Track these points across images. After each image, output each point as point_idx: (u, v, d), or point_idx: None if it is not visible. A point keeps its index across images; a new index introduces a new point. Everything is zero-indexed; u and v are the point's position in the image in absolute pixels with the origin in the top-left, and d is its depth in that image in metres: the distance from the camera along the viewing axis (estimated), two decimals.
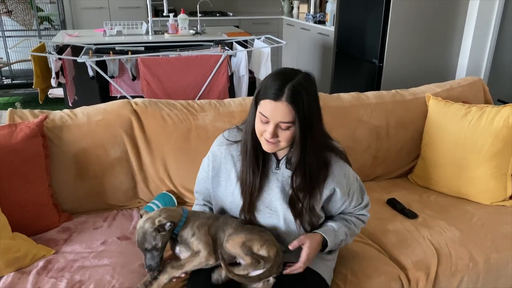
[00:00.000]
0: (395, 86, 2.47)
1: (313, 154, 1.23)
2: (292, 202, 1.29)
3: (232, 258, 1.27)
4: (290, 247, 1.24)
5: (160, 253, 1.23)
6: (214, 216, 1.34)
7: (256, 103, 1.22)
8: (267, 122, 1.18)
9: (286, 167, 1.30)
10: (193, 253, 1.24)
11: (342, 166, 1.31)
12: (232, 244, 1.24)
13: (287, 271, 1.24)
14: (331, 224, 1.35)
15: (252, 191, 1.30)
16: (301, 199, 1.28)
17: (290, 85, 1.14)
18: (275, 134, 1.18)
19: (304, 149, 1.21)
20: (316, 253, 1.28)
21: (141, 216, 1.27)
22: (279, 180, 1.31)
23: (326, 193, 1.30)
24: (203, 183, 1.43)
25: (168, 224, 1.22)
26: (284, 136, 1.19)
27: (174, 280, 1.24)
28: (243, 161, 1.30)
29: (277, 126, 1.17)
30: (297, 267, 1.23)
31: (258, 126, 1.21)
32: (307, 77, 1.20)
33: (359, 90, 2.21)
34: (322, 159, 1.28)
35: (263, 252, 1.23)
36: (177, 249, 1.28)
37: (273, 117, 1.16)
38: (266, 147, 1.23)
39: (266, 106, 1.16)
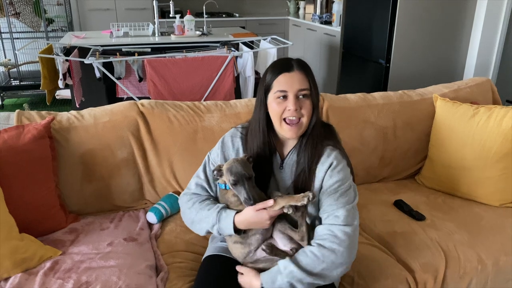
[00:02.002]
0: (402, 86, 2.46)
1: (317, 127, 1.29)
2: (296, 188, 1.30)
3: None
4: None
5: (254, 184, 1.23)
6: None
7: (266, 91, 1.26)
8: (285, 97, 1.23)
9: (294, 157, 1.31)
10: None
11: (336, 156, 1.29)
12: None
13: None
14: (280, 263, 1.22)
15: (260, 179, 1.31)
16: (301, 181, 1.29)
17: (295, 59, 1.27)
18: (297, 106, 1.23)
19: (316, 119, 1.27)
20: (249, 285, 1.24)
21: (219, 170, 1.27)
22: (281, 180, 1.32)
23: (318, 177, 1.28)
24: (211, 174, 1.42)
25: (251, 159, 1.28)
26: (306, 107, 1.24)
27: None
28: (250, 151, 1.33)
29: (296, 98, 1.23)
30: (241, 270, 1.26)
31: (276, 110, 1.25)
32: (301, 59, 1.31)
33: (365, 91, 2.19)
34: (321, 139, 1.31)
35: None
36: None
37: (291, 87, 1.22)
38: (289, 133, 1.26)
39: (281, 81, 1.23)
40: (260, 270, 1.25)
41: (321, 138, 1.30)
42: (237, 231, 1.25)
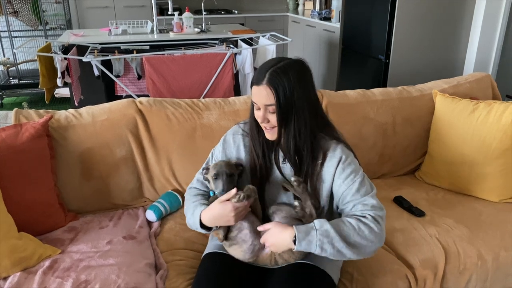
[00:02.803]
0: (402, 82, 2.45)
1: (300, 138, 1.25)
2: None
3: None
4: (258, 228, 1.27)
5: (234, 183, 1.30)
6: None
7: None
8: (258, 109, 1.26)
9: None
10: None
11: (343, 149, 1.31)
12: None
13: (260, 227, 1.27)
14: (316, 221, 1.21)
15: (257, 180, 1.34)
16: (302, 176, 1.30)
17: (271, 69, 1.21)
18: (265, 118, 1.25)
19: (289, 132, 1.25)
20: (277, 240, 1.22)
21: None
22: (285, 173, 1.34)
23: (329, 172, 1.29)
24: None
25: (242, 165, 1.37)
26: (272, 120, 1.25)
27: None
28: (251, 151, 1.36)
29: (266, 110, 1.24)
30: (266, 227, 1.25)
31: (256, 114, 1.29)
32: (293, 62, 1.25)
33: (365, 87, 2.19)
34: (316, 145, 1.30)
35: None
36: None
37: (259, 101, 1.24)
38: (267, 135, 1.31)
39: (253, 92, 1.26)
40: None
41: (307, 138, 1.28)
42: (206, 228, 1.29)
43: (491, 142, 1.84)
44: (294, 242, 1.16)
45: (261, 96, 1.22)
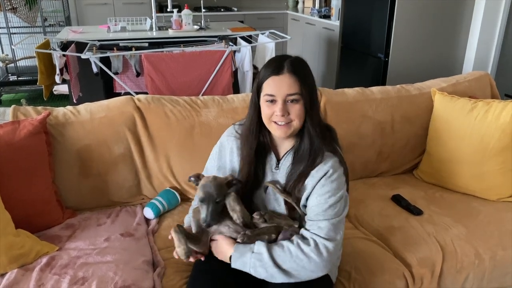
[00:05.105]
0: (401, 80, 2.45)
1: (314, 132, 1.23)
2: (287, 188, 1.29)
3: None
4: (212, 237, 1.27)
5: (219, 209, 1.23)
6: None
7: (258, 91, 1.24)
8: (273, 101, 1.20)
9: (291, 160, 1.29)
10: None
11: (334, 163, 1.25)
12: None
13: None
14: (256, 244, 1.21)
15: (248, 184, 1.31)
16: (293, 184, 1.27)
17: (288, 60, 1.19)
18: (285, 111, 1.19)
19: (309, 126, 1.22)
20: (220, 253, 1.25)
21: (198, 178, 1.29)
22: (277, 180, 1.31)
23: (311, 183, 1.24)
24: (210, 170, 1.44)
25: (234, 182, 1.27)
26: (295, 112, 1.20)
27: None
28: (242, 155, 1.32)
29: (285, 103, 1.19)
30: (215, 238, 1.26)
31: (266, 112, 1.22)
32: (299, 57, 1.24)
33: (364, 85, 2.18)
34: (321, 145, 1.26)
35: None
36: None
37: (279, 92, 1.18)
38: (277, 132, 1.23)
39: (270, 84, 1.19)
40: None
41: (319, 142, 1.24)
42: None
43: (490, 141, 1.84)
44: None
45: (283, 86, 1.17)
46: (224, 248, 1.23)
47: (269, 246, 1.18)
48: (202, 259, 1.27)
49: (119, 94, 3.05)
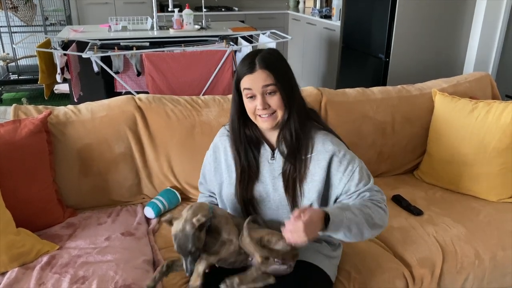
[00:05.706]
0: (402, 81, 2.45)
1: (298, 118, 1.26)
2: (285, 178, 1.29)
3: (244, 259, 1.25)
4: (291, 215, 1.13)
5: (199, 253, 1.18)
6: (231, 214, 1.34)
7: (237, 89, 1.28)
8: (253, 96, 1.24)
9: (284, 156, 1.29)
10: (225, 241, 1.21)
11: (333, 141, 1.27)
12: (249, 239, 1.19)
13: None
14: (336, 204, 1.24)
15: (245, 179, 1.32)
16: (291, 172, 1.28)
17: (259, 56, 1.23)
18: (265, 104, 1.23)
19: (292, 112, 1.25)
20: (315, 226, 1.11)
21: (170, 223, 1.21)
22: (274, 170, 1.32)
23: (321, 166, 1.25)
24: (207, 174, 1.46)
25: (206, 220, 1.16)
26: (275, 102, 1.23)
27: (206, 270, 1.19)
28: (233, 150, 1.34)
29: (264, 95, 1.23)
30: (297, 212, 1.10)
31: (249, 107, 1.27)
32: (271, 50, 1.28)
33: (365, 85, 2.18)
34: (308, 129, 1.29)
35: (280, 245, 1.19)
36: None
37: (255, 86, 1.22)
38: (264, 124, 1.27)
39: (246, 81, 1.23)
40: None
41: (303, 125, 1.28)
42: None
43: (490, 142, 1.84)
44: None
45: (257, 81, 1.21)
46: (312, 216, 1.10)
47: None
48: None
49: (120, 94, 3.07)
